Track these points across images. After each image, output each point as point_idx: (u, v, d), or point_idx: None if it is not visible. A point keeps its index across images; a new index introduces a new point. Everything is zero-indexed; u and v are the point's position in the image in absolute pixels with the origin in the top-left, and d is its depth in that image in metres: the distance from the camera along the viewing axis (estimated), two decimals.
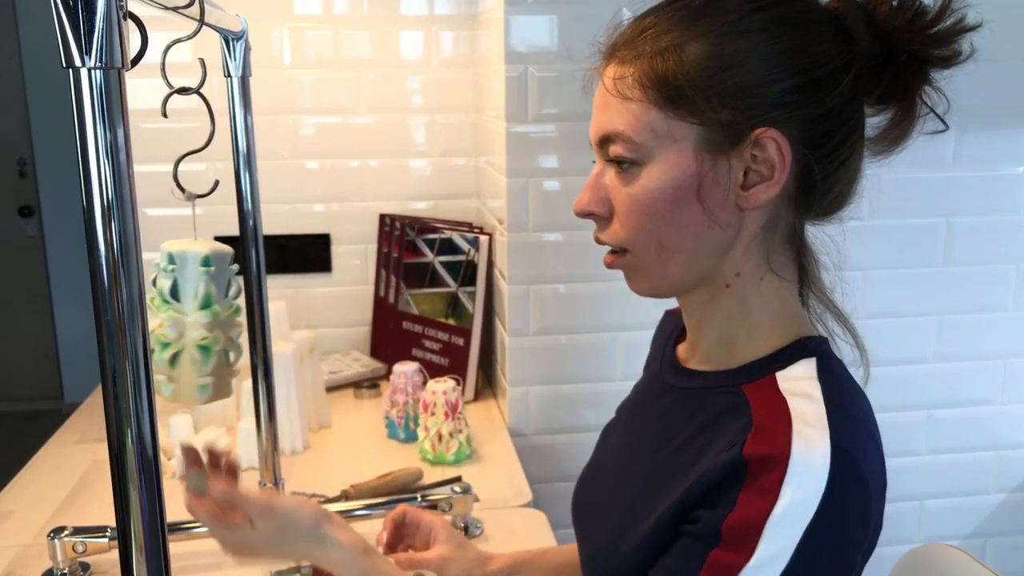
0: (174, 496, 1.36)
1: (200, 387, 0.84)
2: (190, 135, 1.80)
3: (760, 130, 0.66)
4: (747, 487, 0.62)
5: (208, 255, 0.82)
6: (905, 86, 0.69)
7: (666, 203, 0.68)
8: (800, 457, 0.61)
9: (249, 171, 1.07)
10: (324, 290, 1.94)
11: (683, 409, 0.75)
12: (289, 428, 1.50)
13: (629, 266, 0.74)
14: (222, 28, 0.96)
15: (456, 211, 1.94)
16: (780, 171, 0.67)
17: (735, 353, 0.73)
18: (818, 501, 0.60)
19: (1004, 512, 1.82)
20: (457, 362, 1.75)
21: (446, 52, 1.88)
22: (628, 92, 0.69)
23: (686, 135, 0.67)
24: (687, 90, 0.66)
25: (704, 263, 0.71)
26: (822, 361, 0.70)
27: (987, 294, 1.71)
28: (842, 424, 0.64)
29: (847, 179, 0.71)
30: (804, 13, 0.68)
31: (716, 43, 0.66)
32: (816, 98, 0.67)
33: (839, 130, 0.68)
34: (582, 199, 0.73)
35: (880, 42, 0.68)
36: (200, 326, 0.81)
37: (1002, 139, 1.65)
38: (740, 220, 0.70)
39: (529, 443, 1.63)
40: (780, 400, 0.66)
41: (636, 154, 0.69)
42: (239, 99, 1.05)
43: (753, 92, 0.66)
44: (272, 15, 1.81)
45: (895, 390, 1.73)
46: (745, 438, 0.64)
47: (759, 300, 0.73)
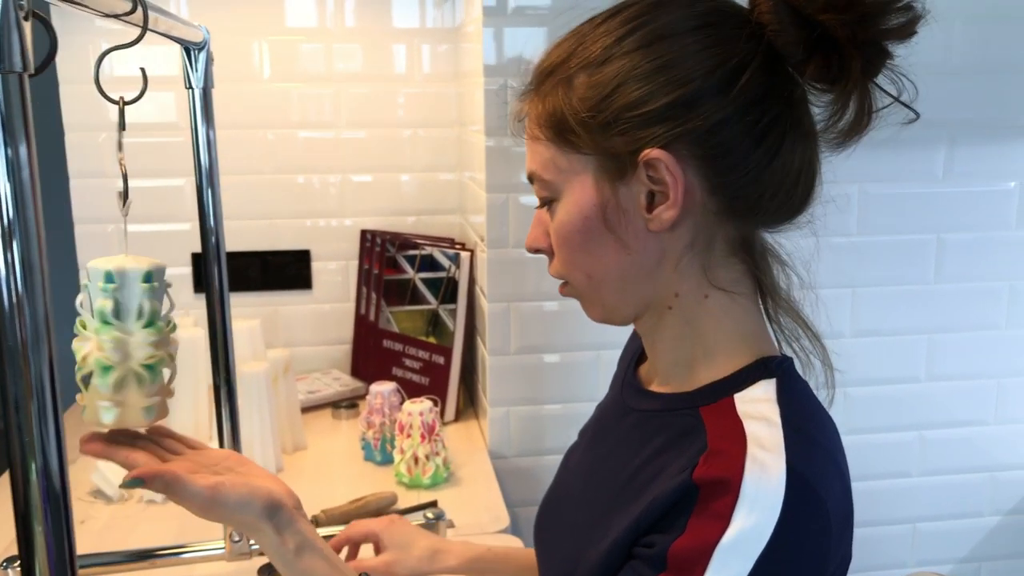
0: (141, 522, 1.33)
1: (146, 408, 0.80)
2: (159, 150, 1.78)
3: (644, 153, 0.64)
4: (697, 512, 0.59)
5: (150, 271, 0.78)
6: (841, 69, 0.63)
7: (579, 235, 0.69)
8: (752, 482, 0.58)
9: (212, 187, 1.03)
10: (304, 307, 1.90)
11: (641, 432, 0.72)
12: (261, 450, 1.45)
13: (574, 295, 0.74)
14: (181, 38, 0.93)
15: (440, 227, 1.90)
16: (675, 190, 0.64)
17: (694, 375, 0.70)
18: (771, 530, 0.57)
19: (999, 535, 1.78)
20: (438, 381, 1.71)
21: (429, 66, 1.85)
22: (533, 132, 0.70)
23: (585, 167, 0.67)
24: (572, 125, 0.66)
25: (635, 288, 0.70)
26: (782, 382, 0.67)
27: (979, 312, 1.68)
28: (800, 448, 0.61)
29: (781, 183, 0.66)
30: (688, 20, 0.64)
31: (596, 70, 0.66)
32: (703, 109, 0.63)
33: (746, 135, 0.63)
34: (529, 236, 0.75)
35: (803, 27, 0.62)
36: (147, 345, 0.77)
37: (992, 153, 1.62)
38: (659, 242, 0.67)
39: (510, 465, 1.58)
40: (736, 423, 0.63)
41: (549, 191, 0.70)
42: (200, 112, 1.01)
43: (632, 115, 0.64)
44: (253, 29, 1.78)
45: (886, 410, 1.69)
46: (697, 461, 0.61)
47: (708, 319, 0.70)
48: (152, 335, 0.76)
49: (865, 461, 1.71)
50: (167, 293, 0.77)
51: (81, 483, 1.43)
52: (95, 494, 1.39)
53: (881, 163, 1.59)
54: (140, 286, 0.74)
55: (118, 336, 0.74)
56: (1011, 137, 1.62)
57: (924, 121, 1.71)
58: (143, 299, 0.74)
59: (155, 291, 0.75)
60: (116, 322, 0.73)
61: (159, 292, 0.75)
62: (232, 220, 1.81)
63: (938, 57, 1.56)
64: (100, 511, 1.35)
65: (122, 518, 1.33)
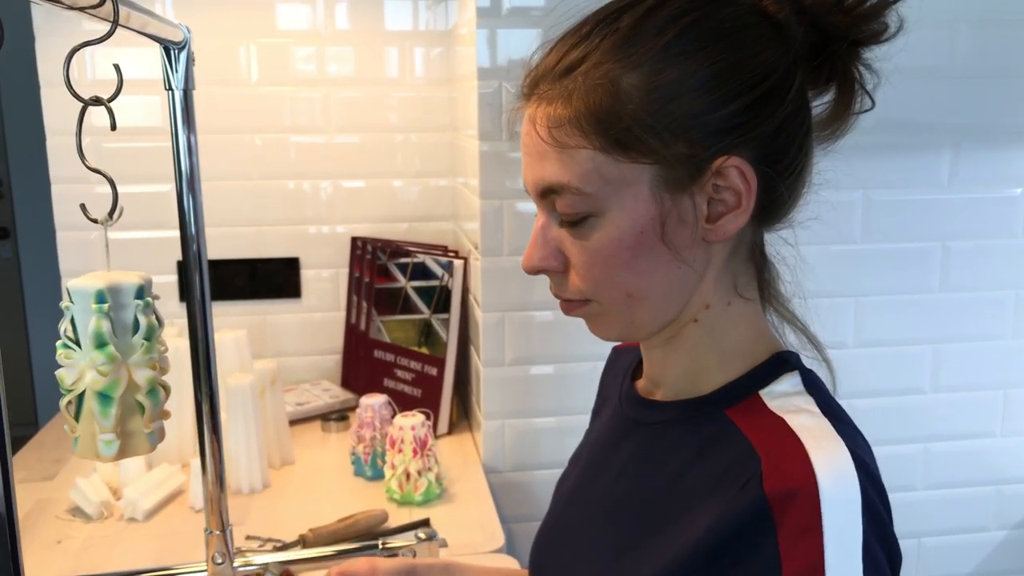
0: (121, 542, 1.28)
1: (149, 435, 0.74)
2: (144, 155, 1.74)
3: (721, 159, 0.60)
4: (782, 531, 0.55)
5: (142, 285, 0.73)
6: (843, 70, 0.65)
7: (629, 252, 0.62)
8: (828, 479, 0.56)
9: (192, 193, 0.99)
10: (293, 316, 1.86)
11: (659, 445, 0.68)
12: (247, 465, 1.41)
13: (593, 315, 0.67)
14: (159, 37, 0.88)
15: (433, 234, 1.86)
16: (747, 198, 0.62)
17: (706, 381, 0.67)
18: (860, 518, 0.55)
19: (1005, 550, 1.74)
20: (430, 393, 1.66)
21: (422, 69, 1.80)
22: (567, 139, 0.62)
23: (640, 177, 0.61)
24: (634, 129, 0.60)
25: (676, 303, 0.66)
26: (806, 374, 0.66)
27: (985, 321, 1.64)
28: (847, 432, 0.61)
29: (804, 183, 0.67)
30: (738, 19, 0.62)
31: (655, 71, 0.60)
32: (770, 111, 0.61)
33: (795, 139, 0.63)
34: (532, 256, 0.66)
35: (815, 30, 0.63)
36: (146, 366, 0.72)
37: (998, 160, 1.58)
38: (708, 253, 0.64)
39: (504, 480, 1.54)
40: (776, 420, 0.61)
41: (587, 206, 0.62)
42: (181, 114, 0.96)
43: (705, 119, 0.60)
44: (243, 31, 1.73)
45: (890, 422, 1.65)
46: (759, 471, 0.57)
47: (728, 326, 0.67)
48: (151, 354, 0.71)
49: None
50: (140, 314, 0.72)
51: (59, 500, 1.38)
52: (73, 512, 1.34)
53: (885, 169, 1.55)
54: (134, 302, 0.69)
55: (117, 359, 0.69)
56: (1017, 143, 1.58)
57: (929, 126, 1.69)
58: (139, 315, 0.69)
59: (148, 306, 0.70)
60: (114, 343, 0.68)
61: (118, 312, 0.69)
62: (220, 227, 1.77)
63: (943, 62, 1.53)
64: (78, 530, 1.30)
65: (101, 538, 1.28)
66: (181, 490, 1.40)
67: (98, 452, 0.68)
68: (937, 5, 1.51)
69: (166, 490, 1.38)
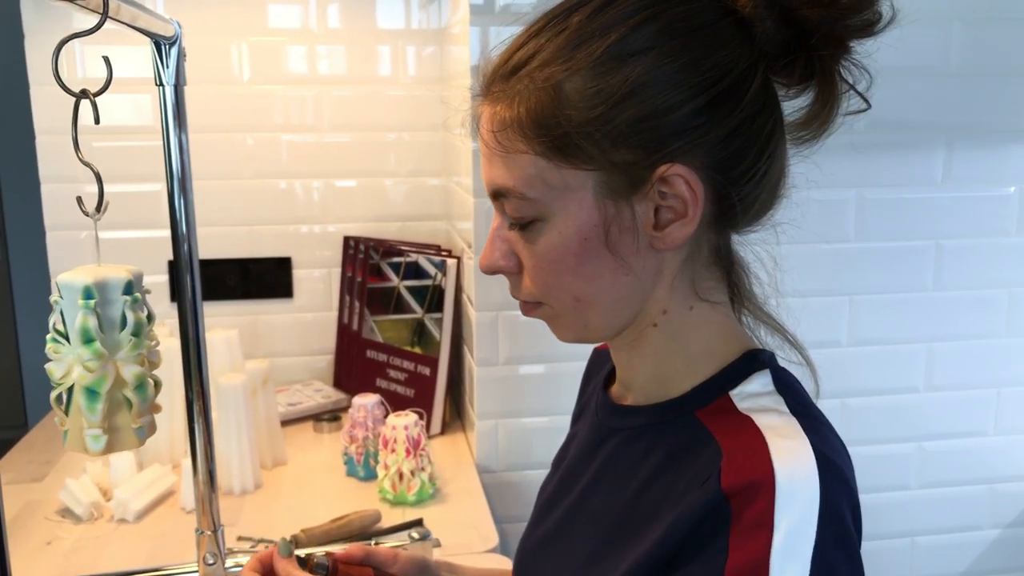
0: (111, 543, 1.26)
1: (137, 429, 0.73)
2: (135, 153, 1.72)
3: (663, 167, 0.58)
4: (735, 525, 0.54)
5: (130, 280, 0.72)
6: (823, 66, 0.61)
7: (573, 257, 0.61)
8: (786, 476, 0.54)
9: (184, 191, 0.98)
10: (285, 316, 1.84)
11: (631, 450, 0.67)
12: (239, 466, 1.39)
13: (548, 316, 0.67)
14: (150, 31, 0.87)
15: (425, 233, 1.85)
16: (693, 207, 0.59)
17: (677, 385, 0.66)
18: (816, 522, 0.53)
19: (999, 549, 1.74)
20: (423, 393, 1.65)
21: (415, 68, 1.80)
22: (510, 143, 0.60)
23: (583, 183, 0.60)
24: (574, 136, 0.58)
25: (626, 308, 0.64)
26: (776, 374, 0.64)
27: (978, 320, 1.64)
28: (816, 431, 0.58)
29: (770, 187, 0.64)
30: (692, 18, 0.59)
31: (598, 75, 0.57)
32: (721, 116, 0.58)
33: (754, 143, 0.60)
34: (487, 256, 0.66)
35: (788, 24, 0.59)
36: (133, 362, 0.71)
37: (991, 158, 1.58)
38: (659, 260, 0.62)
39: (498, 480, 1.53)
40: (744, 420, 0.59)
41: (532, 211, 0.61)
42: (172, 111, 0.95)
43: (649, 125, 0.57)
44: (234, 29, 1.72)
45: (884, 421, 1.65)
46: (719, 468, 0.56)
47: (692, 331, 0.65)
48: (139, 350, 0.70)
49: (863, 473, 1.64)
50: (146, 302, 0.71)
51: (48, 502, 1.36)
52: (63, 513, 1.33)
53: (879, 168, 1.55)
54: (122, 298, 0.68)
55: (104, 355, 0.68)
56: (1010, 142, 1.58)
57: (922, 125, 1.69)
58: (127, 311, 0.68)
59: (137, 301, 0.69)
60: (101, 339, 0.67)
61: (106, 307, 0.69)
62: (211, 226, 1.76)
63: (937, 60, 1.53)
64: (68, 531, 1.29)
65: (91, 539, 1.27)
66: (172, 491, 1.39)
67: (86, 446, 0.68)
68: (931, 4, 1.51)
69: (157, 491, 1.36)
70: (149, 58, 0.94)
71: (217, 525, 1.06)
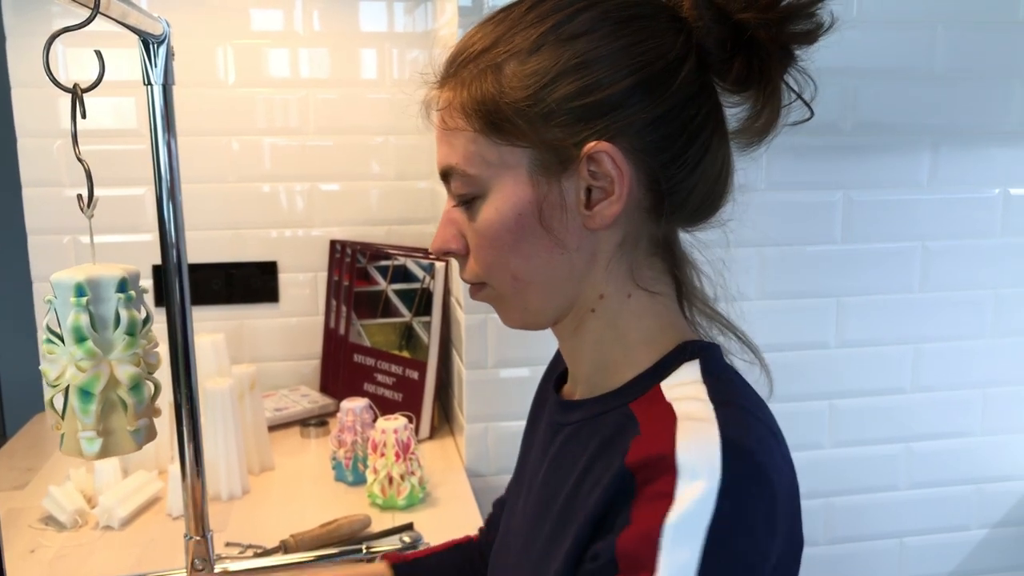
0: (96, 550, 1.24)
1: (134, 432, 0.72)
2: (118, 157, 1.70)
3: (590, 145, 0.61)
4: (638, 499, 0.54)
5: (124, 278, 0.71)
6: (761, 69, 0.63)
7: (509, 234, 0.64)
8: (687, 451, 0.54)
9: (172, 194, 0.96)
10: (271, 321, 1.83)
11: (574, 445, 0.67)
12: (226, 471, 1.38)
13: (492, 299, 0.69)
14: (139, 29, 0.86)
15: (413, 237, 1.84)
16: (620, 185, 0.62)
17: (616, 375, 0.67)
18: (715, 498, 0.52)
19: (986, 548, 1.75)
20: (412, 397, 1.64)
21: (400, 71, 1.79)
22: (453, 122, 0.64)
23: (519, 160, 0.63)
24: (508, 113, 0.62)
25: (564, 289, 0.66)
26: (706, 363, 0.65)
27: (965, 321, 1.65)
28: (733, 418, 0.58)
29: (707, 180, 0.65)
30: (627, 8, 0.62)
31: (533, 57, 0.61)
32: (649, 100, 0.61)
33: (684, 130, 0.62)
34: (438, 238, 0.69)
35: (725, 25, 0.62)
36: (128, 362, 0.70)
37: (977, 160, 1.60)
38: (593, 240, 0.64)
39: (488, 484, 1.52)
40: (666, 407, 0.60)
41: (473, 187, 0.64)
42: (161, 111, 0.94)
43: (577, 104, 0.60)
44: (216, 32, 1.71)
45: (872, 422, 1.66)
46: (628, 447, 0.57)
47: (631, 319, 0.67)
48: (134, 349, 0.69)
49: (852, 474, 1.67)
50: (143, 301, 0.70)
51: (32, 509, 1.34)
52: (46, 520, 1.31)
53: (865, 170, 1.56)
54: (116, 296, 0.67)
55: (97, 354, 0.67)
56: (995, 144, 1.60)
57: (908, 127, 1.70)
58: (120, 309, 0.67)
59: (131, 300, 0.68)
60: (93, 338, 0.66)
61: (136, 301, 0.68)
62: (195, 231, 1.74)
63: (921, 63, 1.54)
64: (52, 539, 1.26)
65: (76, 546, 1.25)
66: (158, 497, 1.37)
67: (81, 451, 0.66)
68: (915, 7, 1.52)
69: (143, 497, 1.34)
70: (131, 61, 0.93)
71: (206, 531, 1.04)
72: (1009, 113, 1.59)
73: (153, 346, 0.77)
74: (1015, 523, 1.75)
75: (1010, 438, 1.71)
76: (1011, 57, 1.56)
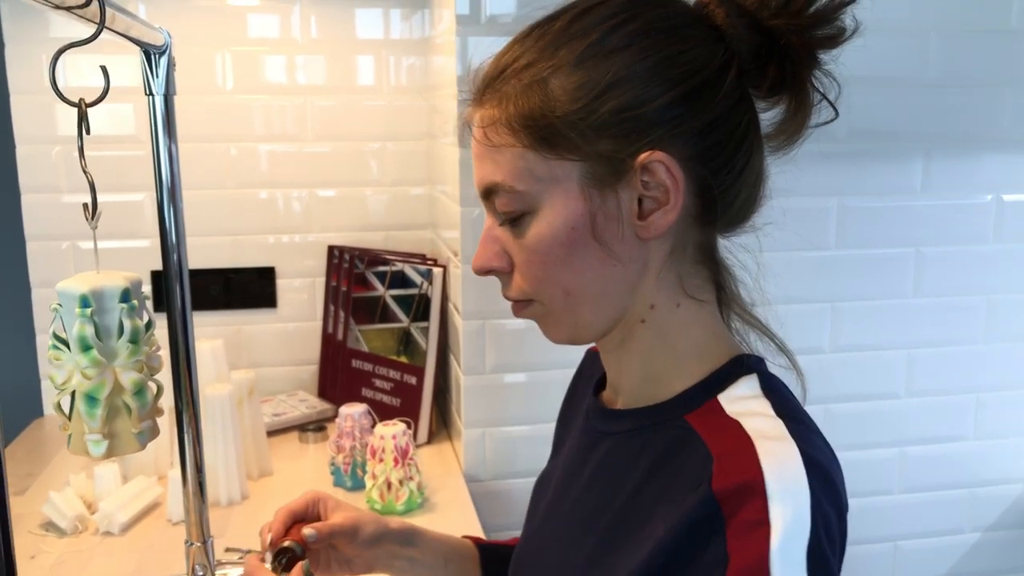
0: (96, 556, 1.25)
1: (138, 434, 0.74)
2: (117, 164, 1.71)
3: (644, 155, 0.61)
4: (732, 528, 0.55)
5: (127, 288, 0.72)
6: (793, 74, 0.64)
7: (562, 248, 0.63)
8: (775, 476, 0.55)
9: (173, 201, 0.97)
10: (269, 327, 1.84)
11: (623, 455, 0.67)
12: (225, 477, 1.38)
13: (539, 315, 0.69)
14: (140, 40, 0.87)
15: (411, 243, 1.85)
16: (675, 194, 0.62)
17: (666, 386, 0.67)
18: (809, 516, 0.55)
19: (980, 552, 1.76)
20: (410, 402, 1.65)
21: (397, 77, 1.80)
22: (499, 139, 0.63)
23: (569, 174, 0.62)
24: (559, 126, 0.61)
25: (616, 302, 0.66)
26: (763, 378, 0.65)
27: (958, 326, 1.66)
28: (802, 433, 0.60)
29: (749, 185, 0.66)
30: (669, 19, 0.63)
31: (581, 70, 0.61)
32: (698, 108, 0.62)
33: (731, 137, 0.63)
34: (480, 256, 0.68)
35: (757, 32, 0.63)
36: (132, 368, 0.71)
37: (970, 166, 1.61)
38: (645, 251, 0.64)
39: (485, 488, 1.53)
40: (732, 424, 0.60)
41: (521, 204, 0.64)
42: (162, 120, 0.95)
43: (629, 115, 0.61)
44: (215, 39, 1.72)
45: (866, 427, 1.67)
46: (709, 473, 0.57)
47: (680, 328, 0.67)
48: (137, 356, 0.70)
49: (846, 478, 1.67)
50: (145, 307, 0.71)
51: (32, 515, 1.35)
52: (47, 527, 1.31)
53: (859, 176, 1.57)
54: (119, 306, 0.68)
55: (102, 362, 0.68)
56: (987, 150, 1.61)
57: (901, 134, 1.71)
58: (124, 319, 0.68)
59: (134, 308, 0.69)
60: (98, 347, 0.67)
61: (139, 308, 0.69)
62: (194, 237, 1.74)
63: (915, 71, 1.55)
64: (52, 545, 1.27)
65: (76, 552, 1.25)
66: (158, 503, 1.38)
67: (87, 452, 0.68)
68: (908, 16, 1.53)
69: (142, 503, 1.35)
70: (131, 67, 0.94)
71: (207, 536, 1.05)
72: (1001, 120, 1.60)
73: (155, 350, 0.78)
74: (1008, 526, 1.76)
75: (1003, 442, 1.73)
76: (1003, 65, 1.58)
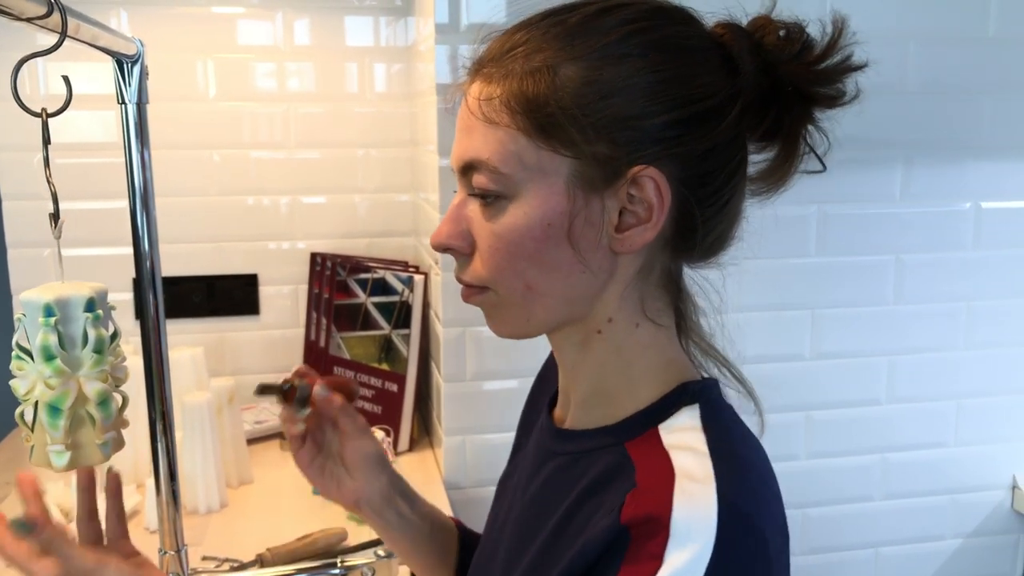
0: None
1: (102, 445, 0.74)
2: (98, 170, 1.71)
3: (638, 168, 0.59)
4: (630, 556, 0.54)
5: (92, 298, 0.72)
6: (790, 124, 0.64)
7: (534, 243, 0.61)
8: (682, 516, 0.54)
9: (146, 209, 0.97)
10: (252, 334, 1.83)
11: (563, 477, 0.67)
12: (204, 485, 1.38)
13: (489, 304, 0.66)
14: (111, 50, 0.87)
15: (394, 250, 1.85)
16: (658, 213, 0.60)
17: (615, 407, 0.66)
18: (705, 565, 0.52)
19: (960, 558, 1.76)
20: (391, 410, 1.65)
21: (383, 85, 1.80)
22: (495, 116, 0.61)
23: (558, 169, 0.60)
24: (560, 118, 0.59)
25: (573, 307, 0.64)
26: (706, 408, 0.63)
27: (938, 333, 1.67)
28: (733, 476, 0.57)
29: (728, 221, 0.65)
30: (689, 39, 0.62)
31: (593, 67, 0.59)
32: (700, 133, 0.60)
33: (723, 169, 0.62)
34: (440, 232, 0.65)
35: (766, 74, 0.62)
36: (96, 379, 0.71)
37: (949, 174, 1.62)
38: (614, 264, 0.63)
39: (466, 496, 1.53)
40: (663, 456, 0.59)
41: (502, 186, 0.61)
42: (134, 128, 0.95)
43: (632, 124, 0.59)
44: (203, 46, 1.72)
45: (848, 434, 1.67)
46: (622, 502, 0.56)
47: (636, 349, 0.66)
48: (102, 366, 0.70)
49: (827, 485, 1.68)
50: (111, 318, 0.71)
51: None
52: None
53: (839, 184, 1.58)
54: (84, 315, 0.68)
55: (66, 372, 0.68)
56: (966, 158, 1.62)
57: (881, 142, 1.72)
58: (88, 328, 0.68)
59: (99, 318, 0.69)
60: (62, 356, 0.67)
61: (104, 318, 0.69)
62: (177, 243, 1.75)
63: (894, 79, 1.56)
64: None
65: None
66: (136, 511, 1.38)
67: (50, 463, 0.68)
68: (888, 24, 1.54)
69: None
70: (109, 74, 0.94)
71: (180, 545, 1.05)
72: (980, 128, 1.61)
73: (121, 361, 0.78)
74: (989, 533, 1.77)
75: (984, 448, 1.73)
76: (982, 73, 1.59)
